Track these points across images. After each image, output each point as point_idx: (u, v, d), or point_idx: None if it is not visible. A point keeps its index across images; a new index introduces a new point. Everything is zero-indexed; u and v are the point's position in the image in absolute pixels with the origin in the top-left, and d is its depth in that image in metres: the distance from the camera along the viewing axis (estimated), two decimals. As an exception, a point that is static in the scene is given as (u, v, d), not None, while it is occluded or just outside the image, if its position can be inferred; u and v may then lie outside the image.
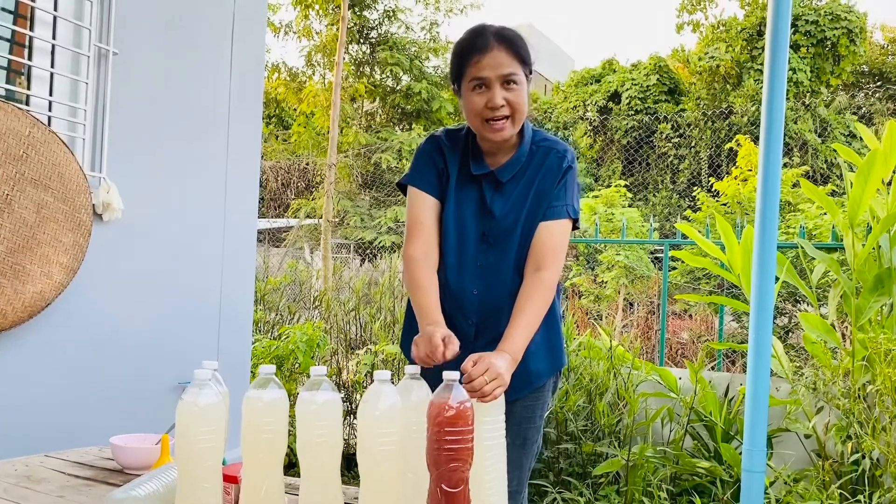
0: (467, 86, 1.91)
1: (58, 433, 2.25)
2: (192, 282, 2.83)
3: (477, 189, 2.01)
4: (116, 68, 2.48)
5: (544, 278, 1.90)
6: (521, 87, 1.91)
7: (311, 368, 1.53)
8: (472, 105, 1.91)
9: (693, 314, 9.11)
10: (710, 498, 3.65)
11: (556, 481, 3.75)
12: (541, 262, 1.92)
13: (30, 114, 2.16)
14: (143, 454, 1.93)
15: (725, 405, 3.88)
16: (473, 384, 1.59)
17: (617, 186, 9.75)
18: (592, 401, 3.84)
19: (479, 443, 1.60)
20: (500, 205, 1.99)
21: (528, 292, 1.89)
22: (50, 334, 2.33)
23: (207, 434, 1.47)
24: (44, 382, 2.33)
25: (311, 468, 1.50)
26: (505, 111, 1.89)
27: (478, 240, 2.01)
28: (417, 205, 2.00)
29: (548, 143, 2.02)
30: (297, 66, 16.02)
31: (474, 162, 2.00)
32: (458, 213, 2.01)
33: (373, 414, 1.45)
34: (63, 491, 1.78)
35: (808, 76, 15.03)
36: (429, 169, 2.02)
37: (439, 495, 1.43)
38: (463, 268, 2.02)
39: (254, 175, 3.10)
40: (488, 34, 1.89)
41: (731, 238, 3.83)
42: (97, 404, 2.45)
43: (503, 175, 1.99)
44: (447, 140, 2.04)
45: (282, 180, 13.34)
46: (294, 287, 5.86)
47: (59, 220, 2.20)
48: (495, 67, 1.87)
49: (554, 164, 1.99)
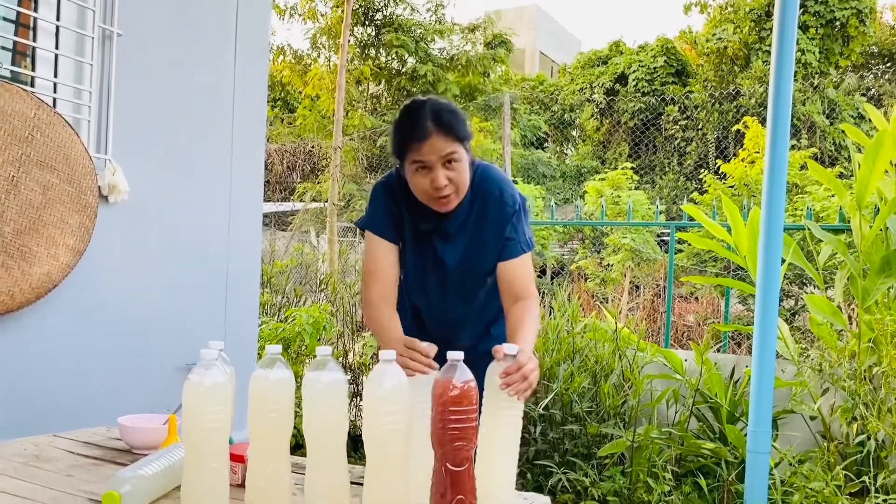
0: (410, 167, 1.99)
1: (66, 414, 2.27)
2: (198, 263, 2.84)
3: (429, 241, 2.11)
4: (121, 50, 2.48)
5: (528, 304, 2.01)
6: (462, 162, 1.98)
7: (316, 348, 1.53)
8: (417, 185, 2.00)
9: (699, 297, 9.10)
10: (714, 479, 3.66)
11: (561, 462, 3.76)
12: (519, 294, 2.03)
13: (35, 95, 2.16)
14: (151, 434, 1.94)
15: (731, 387, 3.88)
16: (517, 386, 1.62)
17: (623, 169, 9.71)
18: (597, 382, 3.84)
19: (497, 419, 1.61)
20: (451, 255, 2.10)
21: (520, 314, 1.99)
22: (57, 316, 2.34)
23: (214, 414, 1.48)
24: (52, 363, 2.35)
25: (317, 447, 1.51)
26: (449, 189, 1.97)
27: (439, 290, 2.14)
28: (375, 250, 2.09)
29: (486, 185, 2.09)
30: (302, 48, 15.96)
31: (420, 216, 2.08)
32: (417, 262, 2.13)
33: (378, 393, 1.45)
34: (71, 470, 1.80)
35: (816, 57, 14.90)
36: (384, 215, 2.11)
37: (444, 473, 1.43)
38: (433, 312, 2.19)
39: (259, 156, 3.10)
40: (425, 119, 1.94)
41: (738, 220, 3.82)
42: (105, 385, 2.47)
43: (450, 226, 2.08)
44: (399, 187, 2.10)
45: (287, 163, 13.32)
46: (300, 270, 5.86)
47: (66, 202, 2.20)
48: (436, 152, 1.94)
49: (496, 211, 2.07)
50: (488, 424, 1.63)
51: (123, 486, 1.53)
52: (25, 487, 1.63)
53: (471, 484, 1.46)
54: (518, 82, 18.87)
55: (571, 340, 3.88)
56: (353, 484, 1.56)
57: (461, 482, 1.44)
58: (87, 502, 1.57)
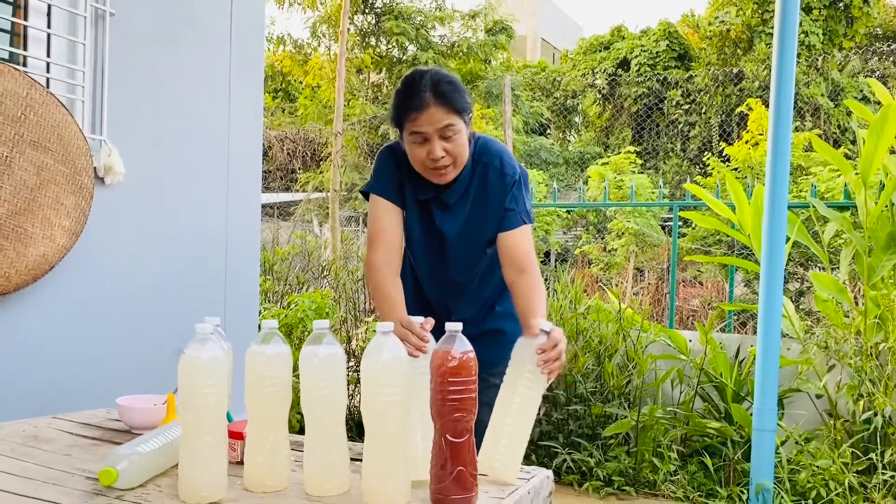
0: (408, 138, 1.98)
1: (64, 396, 2.25)
2: (196, 246, 2.82)
3: (428, 211, 2.10)
4: (114, 29, 2.45)
5: (531, 276, 1.99)
6: (460, 135, 1.97)
7: (314, 322, 1.51)
8: (414, 156, 1.99)
9: (703, 281, 9.07)
10: (720, 459, 3.64)
11: (566, 443, 3.75)
12: (521, 265, 2.01)
13: (27, 75, 2.13)
14: (150, 414, 1.93)
15: (736, 367, 3.86)
16: (554, 364, 1.62)
17: (626, 153, 9.66)
18: (601, 363, 3.83)
19: (514, 393, 1.61)
20: (450, 227, 2.09)
21: (530, 287, 1.97)
22: (55, 298, 2.32)
23: (210, 388, 1.46)
24: (49, 346, 2.33)
25: (315, 422, 1.49)
26: (446, 161, 1.97)
27: (439, 260, 2.14)
28: (379, 212, 2.08)
29: (486, 157, 2.08)
30: (302, 37, 15.87)
31: (420, 187, 2.07)
32: (419, 232, 2.12)
33: (376, 366, 1.43)
34: (70, 450, 1.78)
35: (820, 39, 14.80)
36: (389, 179, 2.09)
37: (444, 445, 1.41)
38: (435, 283, 2.18)
39: (257, 136, 3.07)
40: (423, 90, 1.93)
41: (742, 197, 3.79)
42: (103, 368, 2.45)
43: (450, 198, 2.07)
44: (404, 156, 2.08)
45: (288, 150, 13.28)
46: (303, 257, 5.85)
47: (60, 183, 2.18)
48: (433, 123, 1.93)
49: (496, 182, 2.06)
50: (504, 397, 1.62)
51: (120, 463, 1.51)
52: (24, 467, 1.62)
53: (471, 456, 1.44)
54: (520, 69, 18.79)
55: (575, 321, 3.86)
56: (354, 461, 1.54)
57: (461, 453, 1.42)
58: (85, 481, 1.56)
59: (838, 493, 3.31)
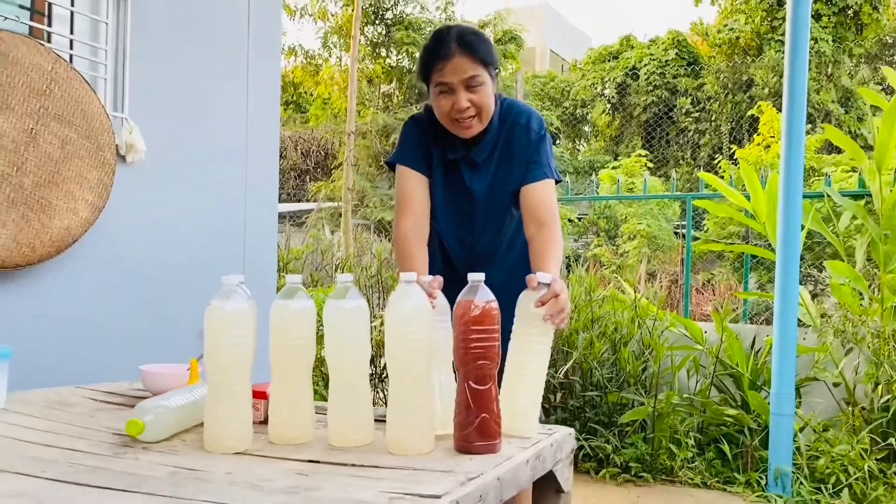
0: (434, 90, 2.01)
1: (85, 368, 2.27)
2: (214, 225, 2.84)
3: (457, 171, 2.11)
4: (136, 9, 2.49)
5: (551, 230, 1.98)
6: (485, 87, 1.99)
7: (337, 276, 1.53)
8: (439, 108, 2.01)
9: (716, 284, 9.04)
10: (737, 446, 3.63)
11: (583, 430, 3.74)
12: (542, 219, 2.00)
13: (52, 50, 2.17)
14: (173, 379, 1.93)
15: (752, 356, 3.85)
16: (559, 315, 1.60)
17: (637, 156, 9.66)
18: (617, 350, 3.82)
19: (525, 346, 1.59)
20: (478, 185, 2.10)
21: (545, 241, 1.96)
22: (77, 271, 2.34)
23: (235, 338, 1.47)
24: (72, 318, 2.35)
25: (339, 375, 1.50)
26: (471, 112, 1.98)
27: (468, 222, 2.14)
28: (406, 181, 2.09)
29: (512, 115, 2.10)
30: (313, 48, 16.00)
31: (449, 147, 2.09)
32: (445, 196, 2.12)
33: (400, 313, 1.44)
34: (95, 412, 1.80)
35: (830, 46, 14.79)
36: (415, 148, 2.11)
37: (467, 392, 1.42)
38: (462, 247, 2.17)
39: (274, 114, 3.10)
40: (450, 41, 1.96)
41: (756, 184, 3.79)
42: (123, 342, 2.47)
43: (478, 156, 2.08)
44: (428, 121, 2.12)
45: (301, 149, 13.34)
46: (316, 256, 5.87)
47: (84, 157, 2.21)
48: (457, 73, 1.95)
49: (522, 138, 2.08)
50: (517, 352, 1.62)
51: (147, 416, 1.52)
52: (52, 425, 1.63)
53: (495, 404, 1.44)
54: (528, 79, 18.84)
55: (590, 309, 3.86)
56: (378, 422, 1.54)
57: (485, 401, 1.43)
58: (112, 436, 1.57)
59: (857, 479, 3.28)
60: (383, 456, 1.41)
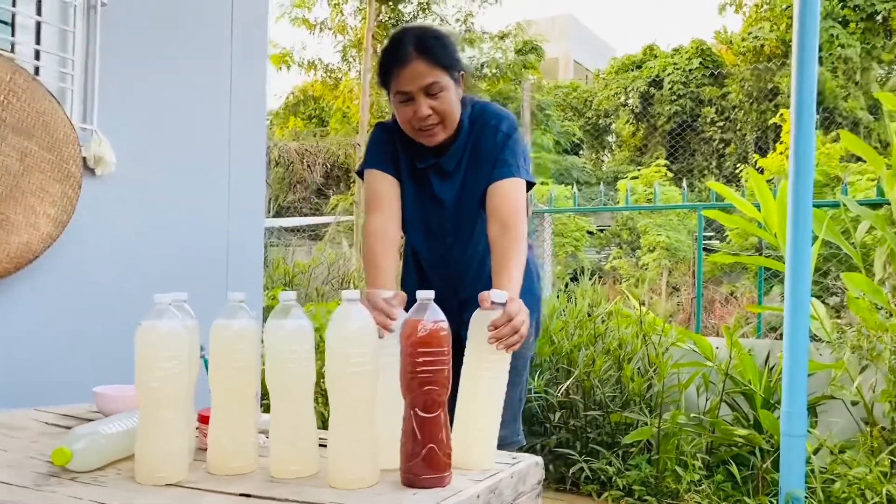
0: (394, 98, 1.90)
1: (45, 389, 2.18)
2: (194, 241, 2.75)
3: (426, 181, 2.01)
4: (107, 19, 2.41)
5: (515, 233, 1.85)
6: (447, 93, 1.88)
7: (279, 294, 1.43)
8: (401, 116, 1.91)
9: (739, 296, 8.82)
10: (748, 468, 3.45)
11: (584, 451, 3.59)
12: (505, 220, 1.87)
13: (11, 59, 2.10)
14: (128, 401, 1.84)
15: (766, 373, 3.67)
16: (507, 340, 1.47)
17: (657, 166, 9.49)
18: (621, 368, 3.67)
19: (479, 369, 1.47)
20: (448, 194, 2.00)
21: (505, 249, 1.83)
22: (40, 289, 2.26)
23: (167, 361, 1.38)
24: (33, 338, 2.27)
25: (280, 399, 1.40)
26: (433, 119, 1.88)
27: (440, 232, 2.03)
28: (376, 181, 1.99)
29: (482, 118, 1.99)
30: (332, 62, 15.99)
31: (417, 155, 1.99)
32: (415, 206, 2.02)
33: (341, 334, 1.34)
34: (39, 437, 1.72)
35: (857, 52, 14.50)
36: (384, 154, 2.01)
37: (413, 420, 1.31)
38: (435, 261, 2.07)
39: (260, 128, 3.01)
40: (406, 44, 1.85)
41: (766, 194, 3.62)
42: (86, 360, 2.38)
43: (448, 164, 1.98)
44: (396, 129, 2.01)
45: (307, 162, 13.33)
46: (323, 269, 5.79)
47: (45, 170, 2.14)
48: (416, 80, 1.85)
49: (489, 138, 1.96)
50: (470, 377, 1.49)
51: (77, 443, 1.43)
52: (-18, 452, 1.55)
53: (444, 434, 1.32)
54: (551, 89, 18.73)
55: (592, 325, 3.72)
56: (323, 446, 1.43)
57: (432, 429, 1.31)
58: (45, 464, 1.48)
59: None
60: (323, 490, 1.30)
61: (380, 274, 1.83)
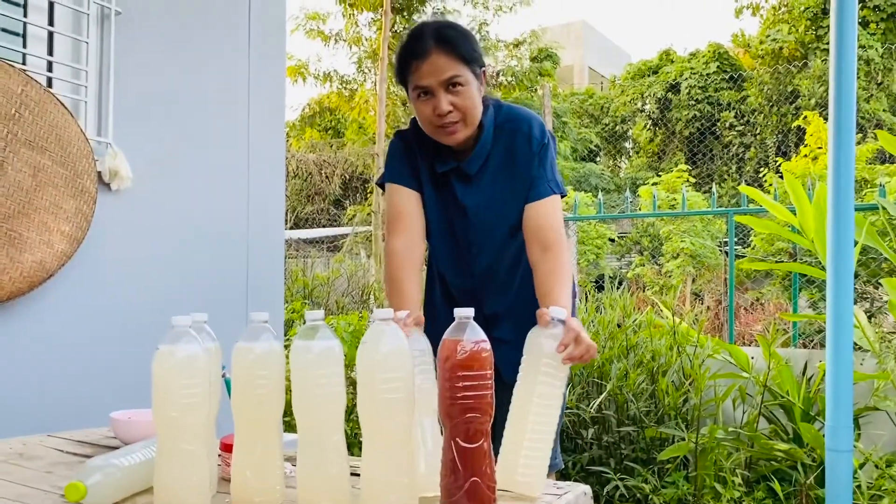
0: (412, 94, 1.82)
1: (62, 414, 2.10)
2: (213, 256, 2.66)
3: (448, 186, 1.92)
4: (121, 29, 2.34)
5: (557, 255, 1.78)
6: (468, 87, 1.79)
7: (306, 313, 1.33)
8: (419, 113, 1.83)
9: (765, 303, 8.64)
10: (790, 484, 3.31)
11: (618, 468, 3.46)
12: (547, 242, 1.80)
13: (24, 72, 2.02)
14: (147, 427, 1.75)
15: (804, 384, 3.53)
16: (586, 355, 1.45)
17: (679, 171, 9.35)
18: (655, 381, 3.54)
19: (533, 390, 1.38)
20: (472, 200, 1.91)
21: (551, 268, 1.76)
22: (54, 308, 2.18)
23: (187, 388, 1.28)
24: (48, 359, 2.19)
25: (309, 427, 1.30)
26: (454, 116, 1.79)
27: (464, 241, 1.95)
28: (398, 198, 1.91)
29: (511, 123, 1.89)
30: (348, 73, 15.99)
31: (438, 159, 1.90)
32: (438, 214, 1.94)
33: (373, 358, 1.23)
34: (53, 467, 1.62)
35: (879, 53, 14.28)
36: (402, 163, 1.94)
37: (454, 451, 1.20)
38: (459, 272, 1.98)
39: (279, 136, 2.92)
40: (426, 37, 1.77)
41: (803, 197, 3.48)
42: (103, 383, 2.29)
43: (470, 168, 1.89)
44: (414, 135, 1.94)
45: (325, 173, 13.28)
46: (343, 282, 5.70)
47: (59, 186, 2.06)
48: (436, 73, 1.76)
49: (524, 147, 1.86)
50: (522, 396, 1.39)
51: (92, 477, 1.33)
52: (-1, 486, 1.46)
53: (487, 464, 1.22)
54: (567, 96, 18.62)
55: (625, 336, 3.59)
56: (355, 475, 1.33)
57: (475, 461, 1.20)
58: (59, 499, 1.38)
59: (928, 522, 2.95)
60: (355, 526, 1.20)
61: (404, 299, 1.76)
